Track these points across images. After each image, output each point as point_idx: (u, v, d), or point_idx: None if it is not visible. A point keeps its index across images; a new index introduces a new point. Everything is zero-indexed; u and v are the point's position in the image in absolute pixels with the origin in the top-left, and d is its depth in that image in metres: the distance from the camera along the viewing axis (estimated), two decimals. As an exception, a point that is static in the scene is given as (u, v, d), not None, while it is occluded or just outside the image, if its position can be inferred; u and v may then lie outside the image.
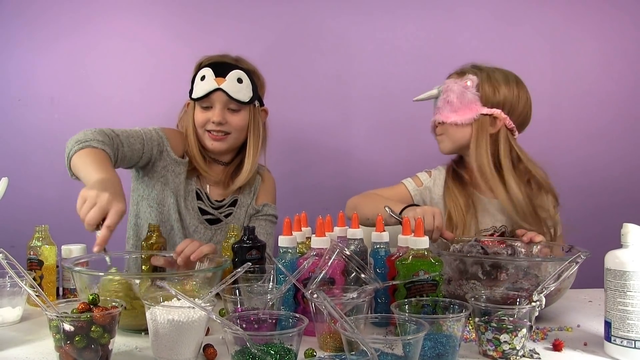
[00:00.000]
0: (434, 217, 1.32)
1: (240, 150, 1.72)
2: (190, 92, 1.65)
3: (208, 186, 1.70)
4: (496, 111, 1.56)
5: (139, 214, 1.66)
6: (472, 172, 1.61)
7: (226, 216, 1.69)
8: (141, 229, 1.65)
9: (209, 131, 1.63)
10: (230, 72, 1.60)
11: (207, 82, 1.59)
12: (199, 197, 1.67)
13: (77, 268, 1.16)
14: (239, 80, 1.60)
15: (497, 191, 1.55)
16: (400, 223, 1.25)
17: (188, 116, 1.67)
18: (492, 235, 1.58)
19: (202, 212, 1.66)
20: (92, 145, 1.38)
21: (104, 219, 1.14)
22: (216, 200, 1.70)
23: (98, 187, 1.19)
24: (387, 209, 1.37)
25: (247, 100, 1.62)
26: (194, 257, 1.27)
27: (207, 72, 1.60)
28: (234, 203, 1.71)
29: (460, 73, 1.60)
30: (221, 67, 1.61)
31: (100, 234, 1.14)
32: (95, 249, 1.15)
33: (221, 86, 1.58)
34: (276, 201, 1.80)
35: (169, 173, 1.63)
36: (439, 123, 1.61)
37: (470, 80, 1.56)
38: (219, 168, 1.72)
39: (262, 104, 1.71)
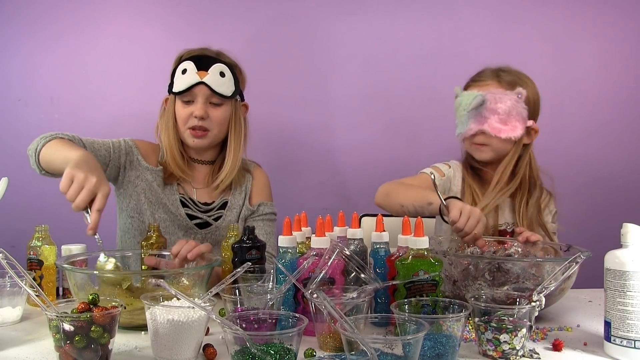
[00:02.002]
0: (477, 222, 1.28)
1: (223, 148, 1.68)
2: (170, 85, 1.61)
3: (195, 190, 1.66)
4: (534, 123, 1.57)
5: (122, 227, 1.65)
6: (489, 172, 1.63)
7: (216, 219, 1.64)
8: (127, 242, 1.62)
9: (191, 128, 1.59)
10: (213, 66, 1.56)
11: (189, 75, 1.55)
12: (184, 204, 1.62)
13: (67, 266, 1.16)
14: (222, 74, 1.57)
15: (505, 195, 1.58)
16: (442, 215, 1.25)
17: (168, 112, 1.63)
18: (504, 230, 1.58)
19: (191, 217, 1.62)
20: (59, 137, 1.43)
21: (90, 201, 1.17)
22: (205, 203, 1.64)
23: (84, 166, 1.20)
24: (437, 192, 1.33)
25: (230, 95, 1.59)
26: (191, 255, 1.26)
27: (189, 65, 1.56)
28: (223, 206, 1.66)
29: (511, 83, 1.55)
30: (203, 61, 1.57)
31: (92, 217, 1.17)
32: (90, 232, 1.17)
33: (204, 80, 1.55)
34: (272, 197, 1.75)
35: (143, 182, 1.60)
36: (482, 132, 1.55)
37: (521, 94, 1.53)
38: (203, 168, 1.68)
39: (242, 99, 1.67)
